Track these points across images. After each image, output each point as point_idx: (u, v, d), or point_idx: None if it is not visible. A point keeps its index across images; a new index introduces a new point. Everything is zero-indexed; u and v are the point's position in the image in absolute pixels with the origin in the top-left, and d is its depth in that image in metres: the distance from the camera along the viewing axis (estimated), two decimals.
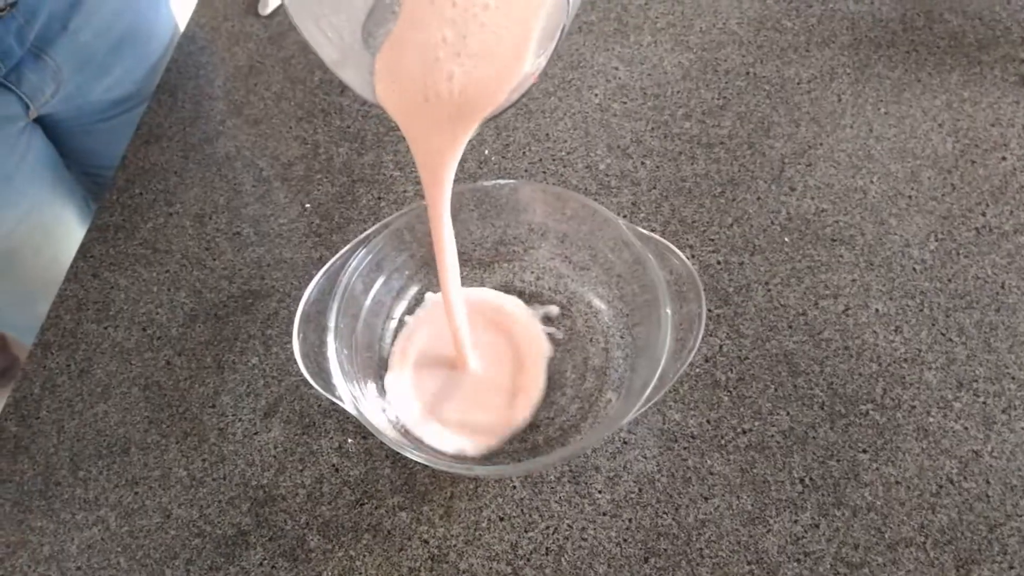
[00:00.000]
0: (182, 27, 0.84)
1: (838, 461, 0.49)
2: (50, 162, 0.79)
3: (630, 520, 0.48)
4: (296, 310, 0.49)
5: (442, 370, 0.54)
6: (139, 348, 0.60)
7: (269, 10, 0.81)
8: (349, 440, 0.53)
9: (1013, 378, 0.51)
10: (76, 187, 0.86)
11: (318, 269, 0.51)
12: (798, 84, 0.68)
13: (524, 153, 0.66)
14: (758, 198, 0.61)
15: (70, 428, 0.57)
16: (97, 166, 0.88)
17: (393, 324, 0.57)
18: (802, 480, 0.48)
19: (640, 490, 0.49)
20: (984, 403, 0.50)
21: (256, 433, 0.54)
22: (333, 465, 0.52)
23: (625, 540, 0.47)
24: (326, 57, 0.39)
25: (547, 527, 0.48)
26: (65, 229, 0.82)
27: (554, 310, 0.56)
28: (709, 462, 0.49)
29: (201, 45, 0.80)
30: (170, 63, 0.79)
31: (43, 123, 0.79)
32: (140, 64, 0.83)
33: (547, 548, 0.48)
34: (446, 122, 0.40)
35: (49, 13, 0.71)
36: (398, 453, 0.46)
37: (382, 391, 0.53)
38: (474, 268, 0.58)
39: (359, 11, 0.38)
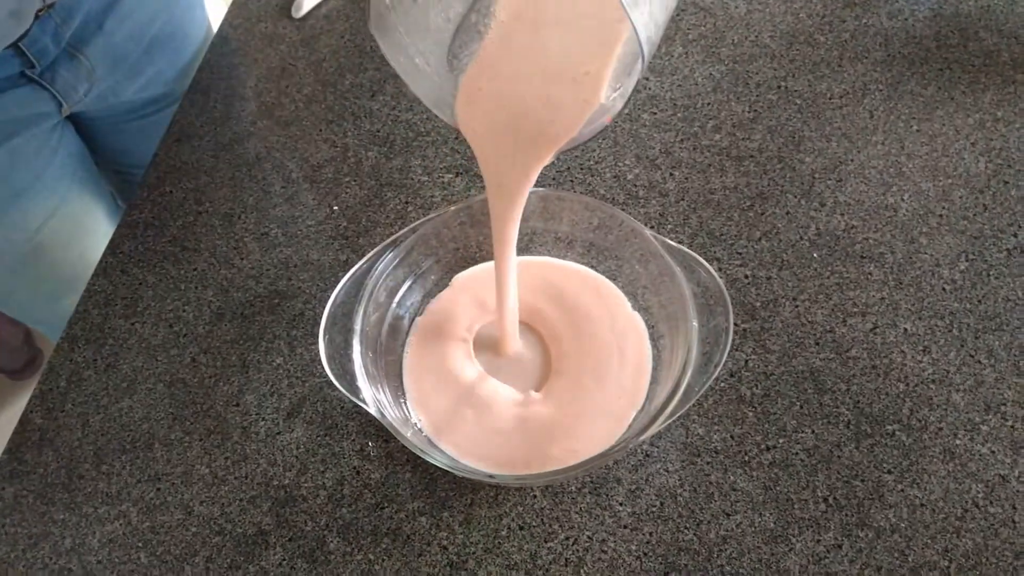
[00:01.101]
0: (215, 28, 0.85)
1: (863, 481, 0.48)
2: (81, 159, 0.80)
3: (651, 534, 0.48)
4: (321, 312, 0.49)
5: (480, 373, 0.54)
6: (165, 345, 0.60)
7: (302, 13, 0.81)
8: (370, 443, 0.53)
9: None
10: (105, 184, 0.87)
11: (344, 271, 0.51)
12: (830, 99, 0.67)
13: (552, 162, 0.66)
14: (787, 213, 0.60)
15: (95, 422, 0.57)
16: (127, 164, 0.89)
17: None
18: (826, 499, 0.48)
19: (662, 504, 0.49)
20: (1012, 427, 0.49)
21: (279, 433, 0.54)
22: (354, 468, 0.52)
23: (645, 554, 0.47)
24: (416, 87, 0.39)
25: (567, 538, 0.48)
26: (93, 225, 0.82)
27: None
28: (732, 478, 0.49)
29: (234, 46, 0.81)
30: (203, 63, 0.79)
31: (75, 120, 0.80)
32: (173, 65, 0.84)
33: (566, 559, 0.47)
34: (523, 149, 0.40)
35: (85, 14, 0.72)
36: (419, 457, 0.46)
37: (403, 394, 0.53)
38: None
39: (445, 33, 0.39)
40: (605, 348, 0.53)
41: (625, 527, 0.48)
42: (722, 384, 0.53)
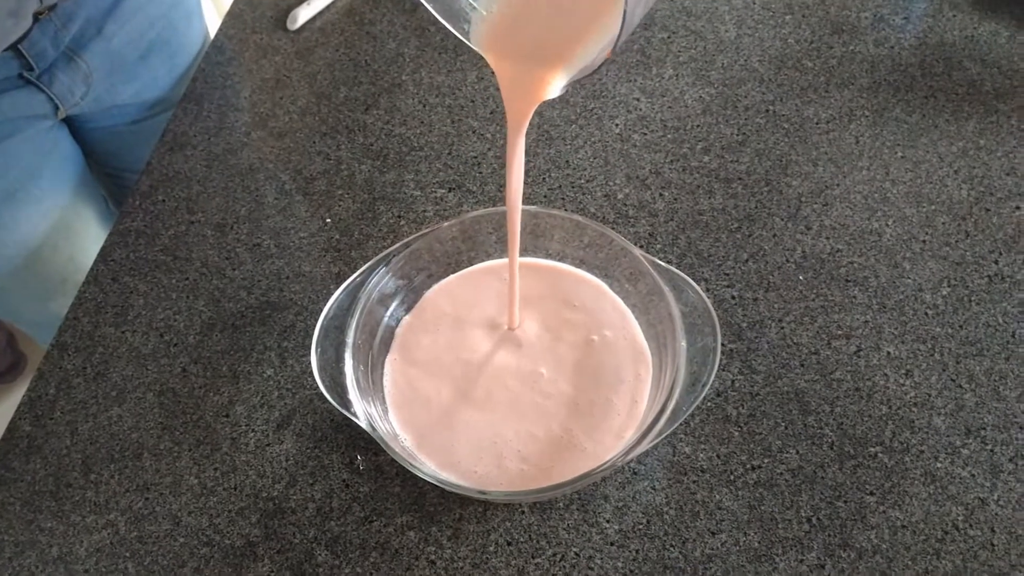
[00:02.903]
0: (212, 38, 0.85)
1: (845, 502, 0.49)
2: (75, 161, 0.80)
3: (637, 551, 0.48)
4: (312, 324, 0.49)
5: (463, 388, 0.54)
6: (155, 354, 0.60)
7: (298, 25, 0.82)
8: (360, 456, 0.54)
9: (1021, 427, 0.51)
10: (97, 187, 0.87)
11: (336, 284, 0.52)
12: (816, 124, 0.68)
13: (544, 179, 0.67)
14: (774, 235, 0.61)
15: (83, 430, 0.57)
16: (121, 168, 0.89)
17: None
18: (809, 519, 0.49)
19: (648, 522, 0.49)
20: (992, 451, 0.50)
21: (268, 445, 0.55)
22: (343, 480, 0.53)
23: (631, 571, 0.48)
24: (430, 1, 0.38)
25: (554, 554, 0.49)
26: (84, 229, 0.82)
27: None
28: (718, 497, 0.50)
29: (229, 56, 0.81)
30: (197, 72, 0.80)
31: (70, 123, 0.80)
32: (170, 72, 0.84)
33: (553, 575, 0.48)
34: (538, 63, 0.40)
35: (85, 18, 0.72)
36: (408, 472, 0.47)
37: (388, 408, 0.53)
38: None
39: None
40: (614, 368, 0.53)
41: (612, 544, 0.49)
42: (708, 403, 0.54)
